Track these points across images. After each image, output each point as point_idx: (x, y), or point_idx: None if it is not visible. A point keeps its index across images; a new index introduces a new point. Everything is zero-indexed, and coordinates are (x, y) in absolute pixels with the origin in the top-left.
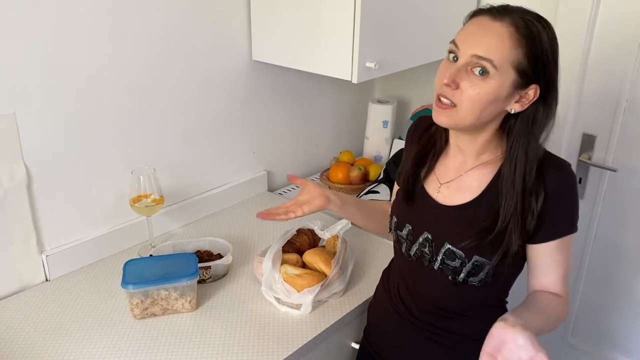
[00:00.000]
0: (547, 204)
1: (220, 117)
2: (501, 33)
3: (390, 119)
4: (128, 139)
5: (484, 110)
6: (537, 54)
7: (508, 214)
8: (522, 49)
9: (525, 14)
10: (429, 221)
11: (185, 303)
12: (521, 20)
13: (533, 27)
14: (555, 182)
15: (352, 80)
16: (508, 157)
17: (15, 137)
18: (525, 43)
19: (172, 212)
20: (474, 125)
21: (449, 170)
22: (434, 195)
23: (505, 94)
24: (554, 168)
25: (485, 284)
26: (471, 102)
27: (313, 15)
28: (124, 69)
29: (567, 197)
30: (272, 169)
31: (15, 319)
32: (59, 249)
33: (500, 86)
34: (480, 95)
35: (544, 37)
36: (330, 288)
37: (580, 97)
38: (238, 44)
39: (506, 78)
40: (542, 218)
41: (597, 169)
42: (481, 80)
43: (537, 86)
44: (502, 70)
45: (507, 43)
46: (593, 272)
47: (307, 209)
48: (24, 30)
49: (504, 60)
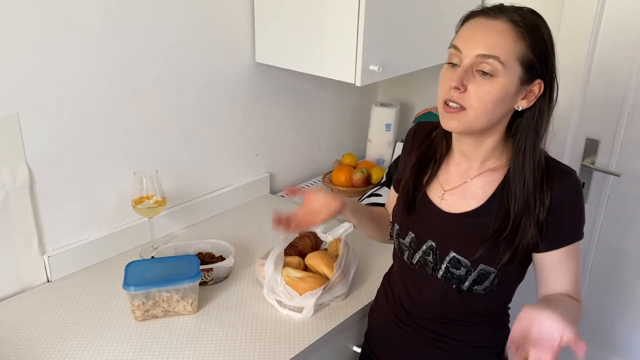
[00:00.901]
0: (553, 212)
1: (223, 119)
2: (502, 29)
3: (393, 122)
4: (131, 140)
5: (496, 110)
6: (540, 44)
7: (520, 210)
8: (525, 41)
9: (519, 9)
10: (433, 229)
11: (186, 305)
12: (517, 15)
13: (531, 19)
14: (561, 190)
15: (356, 83)
16: (516, 152)
17: (18, 138)
18: (527, 35)
19: (174, 213)
20: (486, 126)
21: (453, 177)
22: (437, 203)
23: (513, 90)
24: (560, 176)
25: (490, 292)
26: (482, 102)
27: (317, 18)
28: (127, 71)
29: (573, 205)
30: (274, 171)
31: (16, 319)
32: (60, 250)
33: (509, 82)
34: (491, 95)
35: (542, 28)
36: (333, 291)
37: (584, 101)
38: (241, 46)
39: (514, 74)
40: (549, 226)
41: (601, 173)
42: (489, 79)
43: (542, 81)
44: (508, 66)
45: (510, 37)
46: (596, 277)
47: (325, 214)
48: (27, 32)
49: (510, 55)
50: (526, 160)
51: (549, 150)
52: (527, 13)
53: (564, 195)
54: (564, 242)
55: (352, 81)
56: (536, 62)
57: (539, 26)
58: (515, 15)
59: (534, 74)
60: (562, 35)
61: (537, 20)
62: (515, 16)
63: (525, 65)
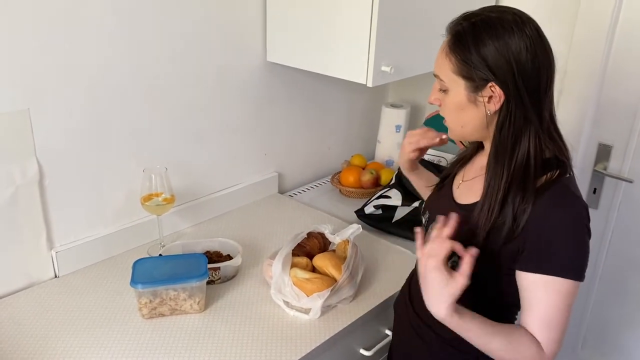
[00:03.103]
0: (532, 231)
1: (233, 118)
2: (442, 47)
3: (403, 124)
4: (140, 137)
5: (460, 119)
6: (465, 53)
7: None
8: (453, 55)
9: (470, 17)
10: (441, 213)
11: (193, 304)
12: (456, 27)
13: (459, 27)
14: (545, 211)
15: (367, 83)
16: (491, 150)
17: (29, 134)
18: (454, 48)
19: (182, 211)
20: (475, 135)
21: (473, 169)
22: (453, 191)
23: (465, 99)
24: (555, 199)
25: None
26: (446, 114)
27: (330, 18)
28: (138, 68)
29: (558, 235)
30: (283, 170)
31: (23, 314)
32: (68, 246)
33: (457, 94)
34: (448, 107)
35: (468, 35)
36: (340, 293)
37: (598, 106)
38: (253, 45)
39: (457, 85)
40: (526, 242)
41: (613, 179)
42: (444, 95)
43: (492, 83)
44: (451, 81)
45: (443, 53)
46: (605, 284)
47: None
48: (38, 28)
49: (446, 71)
50: (498, 158)
51: None
52: (461, 21)
53: (546, 219)
54: (540, 268)
55: (363, 82)
56: (472, 69)
57: (465, 34)
58: (454, 29)
59: (482, 80)
60: (575, 41)
61: (466, 25)
62: (453, 30)
63: (464, 76)
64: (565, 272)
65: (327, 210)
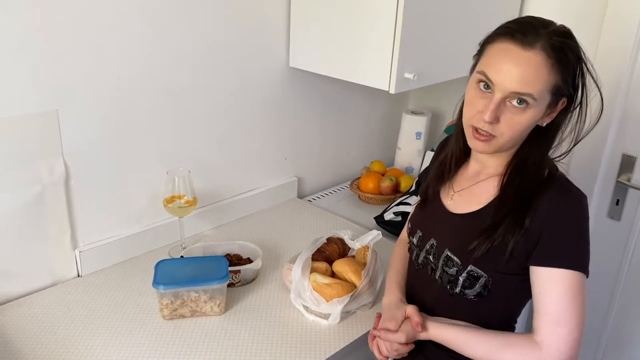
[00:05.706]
0: (541, 225)
1: (254, 122)
2: (536, 63)
3: (423, 131)
4: (164, 140)
5: (524, 134)
6: (571, 71)
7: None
8: (557, 74)
9: (550, 31)
10: (437, 228)
11: (214, 306)
12: (549, 43)
13: (564, 46)
14: (551, 205)
15: (390, 90)
16: (519, 158)
17: (57, 134)
18: (559, 68)
19: (204, 213)
20: (507, 147)
21: (464, 178)
22: (446, 203)
23: (541, 115)
24: (559, 192)
25: (481, 298)
26: (513, 131)
27: (353, 25)
28: (163, 73)
29: (563, 226)
30: (302, 175)
31: (46, 312)
32: (91, 246)
33: (539, 111)
34: (522, 124)
35: (571, 54)
36: (360, 299)
37: (622, 117)
38: (276, 51)
39: (544, 102)
40: (538, 238)
41: (637, 191)
42: (521, 110)
43: (566, 98)
44: (540, 99)
45: (544, 71)
46: (627, 298)
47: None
48: (69, 33)
49: (543, 90)
50: (529, 167)
51: (584, 165)
52: (559, 37)
53: (553, 211)
54: (546, 261)
55: (386, 88)
56: (564, 87)
57: (571, 51)
58: (547, 42)
59: (561, 96)
60: (601, 50)
61: (567, 41)
62: (547, 43)
63: (553, 93)
64: (567, 263)
65: (346, 216)
